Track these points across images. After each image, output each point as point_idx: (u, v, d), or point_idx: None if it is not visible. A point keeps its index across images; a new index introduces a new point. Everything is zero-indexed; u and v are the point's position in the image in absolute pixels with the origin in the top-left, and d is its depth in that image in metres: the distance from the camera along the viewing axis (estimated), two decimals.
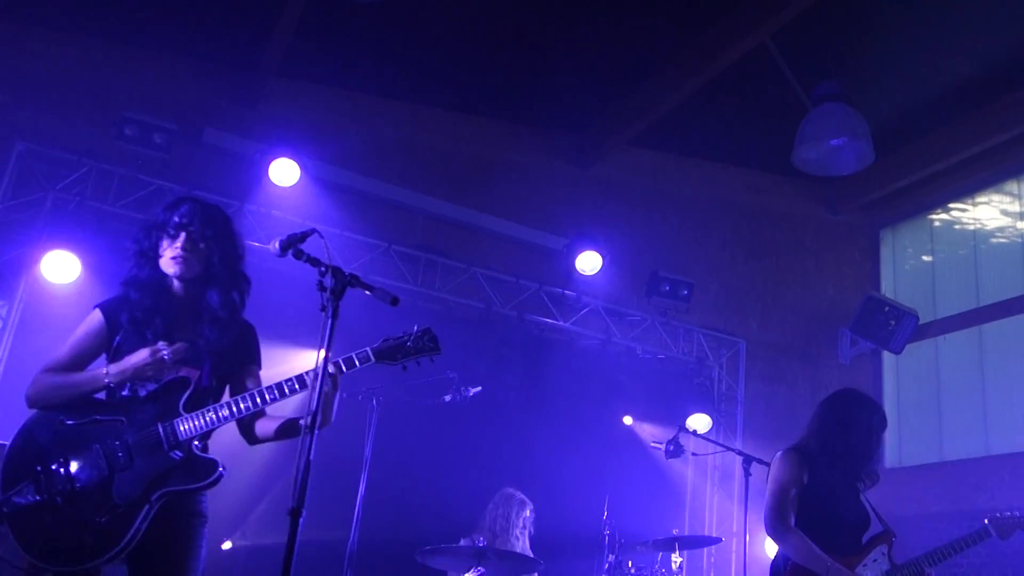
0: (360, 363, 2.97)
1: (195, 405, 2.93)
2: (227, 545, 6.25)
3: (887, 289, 9.26)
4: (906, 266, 9.38)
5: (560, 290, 8.02)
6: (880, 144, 7.20)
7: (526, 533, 5.89)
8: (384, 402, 5.43)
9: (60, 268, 6.18)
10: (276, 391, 2.89)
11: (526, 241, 8.24)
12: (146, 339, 2.96)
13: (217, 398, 3.06)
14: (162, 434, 2.86)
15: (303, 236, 2.86)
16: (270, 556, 2.34)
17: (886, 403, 8.93)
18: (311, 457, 2.37)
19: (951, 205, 9.00)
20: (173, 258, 3.01)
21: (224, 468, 2.89)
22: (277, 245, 2.87)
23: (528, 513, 5.93)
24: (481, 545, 4.99)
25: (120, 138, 6.58)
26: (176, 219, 3.05)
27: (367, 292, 2.65)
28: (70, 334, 3.08)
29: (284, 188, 6.95)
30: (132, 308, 3.02)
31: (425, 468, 6.80)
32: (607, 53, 7.53)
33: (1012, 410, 7.85)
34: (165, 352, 2.87)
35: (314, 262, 2.72)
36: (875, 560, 3.85)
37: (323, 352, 2.52)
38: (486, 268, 7.83)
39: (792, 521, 3.87)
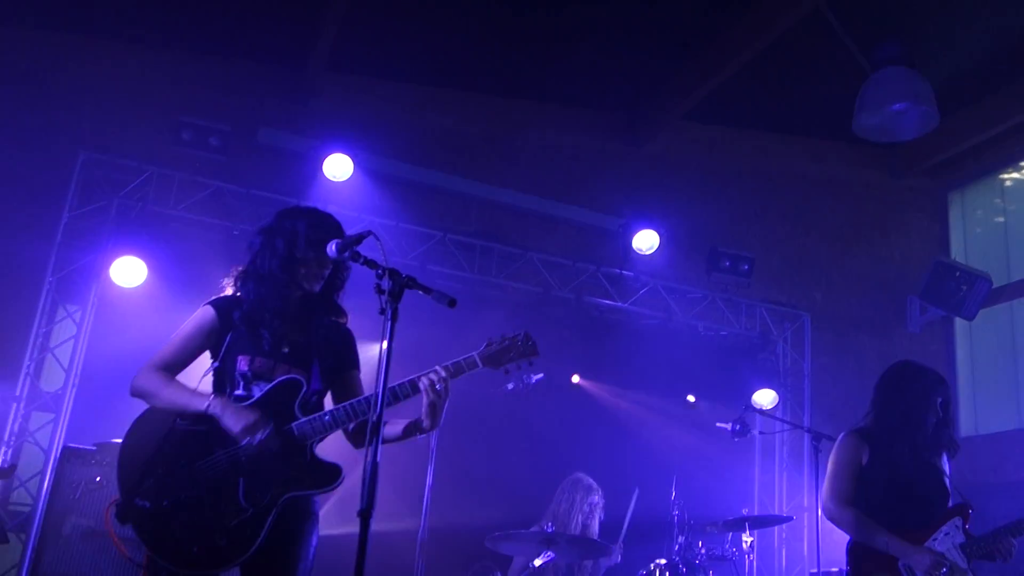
0: (468, 368, 2.99)
1: (305, 409, 2.95)
2: None
3: (957, 253, 8.98)
4: (977, 229, 9.09)
5: (618, 271, 7.95)
6: (944, 104, 6.94)
7: (596, 518, 5.89)
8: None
9: (128, 273, 6.35)
10: (389, 395, 2.87)
11: (582, 223, 8.20)
12: (261, 340, 2.97)
13: (322, 402, 3.07)
14: (284, 438, 2.87)
15: (359, 238, 2.86)
16: (342, 549, 2.37)
17: (960, 371, 8.72)
18: (377, 459, 2.38)
19: (1023, 163, 8.69)
20: (313, 275, 3.01)
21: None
22: (334, 248, 2.89)
23: (597, 498, 5.93)
24: (549, 530, 5.00)
25: (177, 143, 6.71)
26: (322, 235, 2.97)
27: (425, 294, 2.64)
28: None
29: (338, 183, 7.02)
30: (252, 307, 3.01)
31: (491, 457, 6.84)
32: (658, 26, 7.40)
33: None
34: (255, 438, 2.83)
35: (371, 265, 2.72)
36: (947, 534, 3.77)
37: (387, 354, 2.52)
38: (542, 252, 7.81)
39: (845, 501, 3.84)
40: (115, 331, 6.21)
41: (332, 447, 3.06)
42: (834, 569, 5.37)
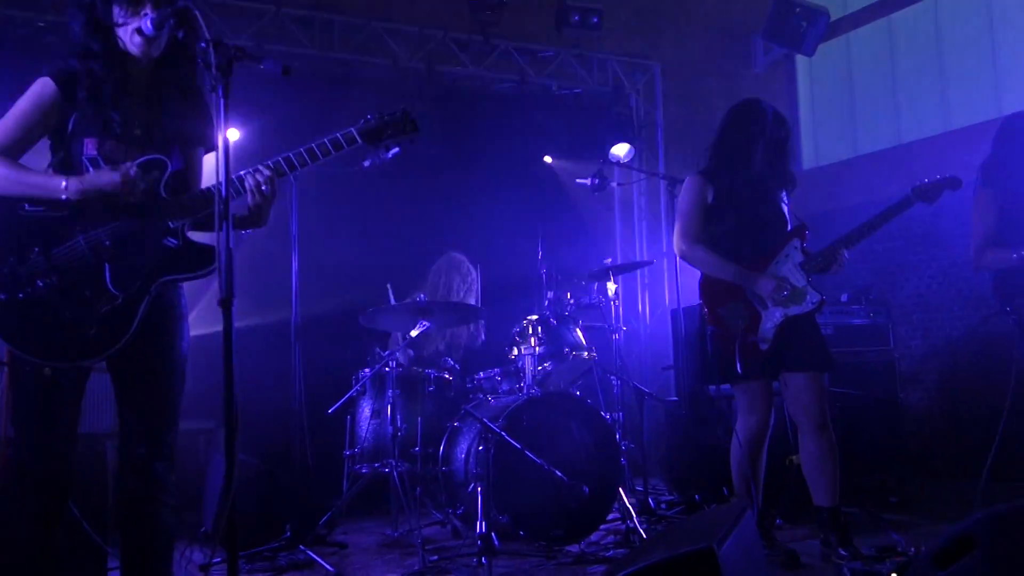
0: (346, 144, 2.85)
1: (170, 191, 2.73)
2: None
3: None
4: None
5: (467, 35, 7.67)
6: None
7: (471, 295, 5.98)
8: (301, 175, 5.27)
9: None
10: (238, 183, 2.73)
11: None
12: (110, 121, 2.68)
13: (186, 182, 2.85)
14: (150, 222, 2.68)
15: (177, 10, 2.60)
16: (218, 342, 2.32)
17: (801, 107, 9.06)
18: (231, 245, 2.29)
19: None
20: (139, 34, 2.65)
21: None
22: (150, 24, 2.62)
23: (470, 278, 5.96)
24: (422, 300, 5.07)
25: None
26: None
27: (256, 64, 2.45)
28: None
29: None
30: (94, 83, 2.67)
31: (355, 238, 6.79)
32: None
33: (921, 98, 8.02)
34: (135, 176, 2.60)
35: (193, 37, 2.49)
36: (787, 255, 4.03)
37: (223, 135, 2.36)
38: (388, 21, 7.41)
39: (694, 239, 4.05)
40: None
41: None
42: (692, 305, 5.73)
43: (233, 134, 5.84)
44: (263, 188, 2.74)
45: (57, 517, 2.70)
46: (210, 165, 2.70)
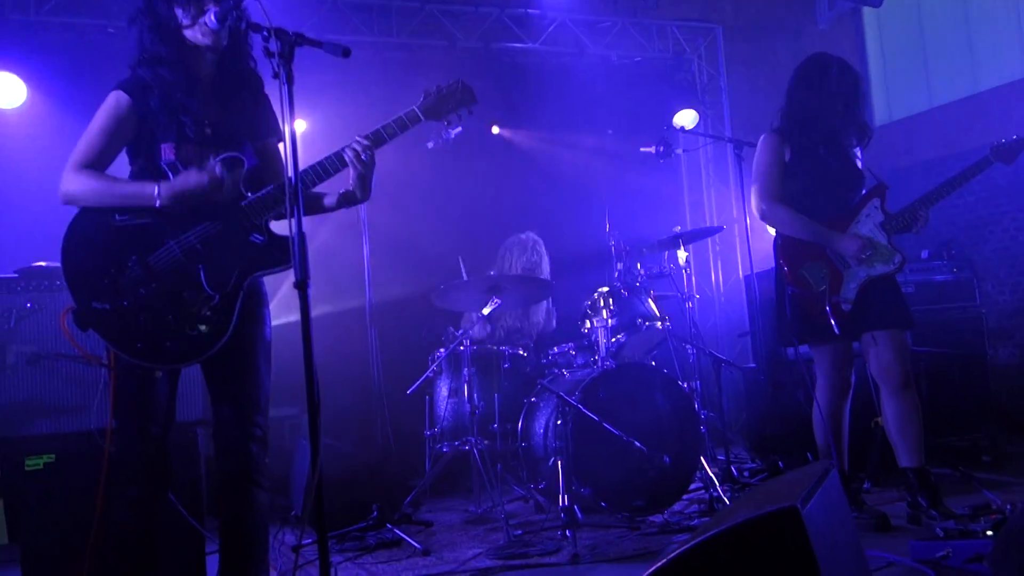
0: (410, 124, 2.92)
1: (250, 186, 2.81)
2: None
3: None
4: None
5: (523, 10, 7.64)
6: None
7: (543, 268, 5.95)
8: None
9: (6, 93, 5.94)
10: (320, 171, 2.81)
11: None
12: (183, 125, 2.76)
13: (263, 177, 2.92)
14: (237, 221, 2.77)
15: (238, 2, 2.67)
16: (298, 330, 2.38)
17: (871, 62, 8.77)
18: (302, 229, 2.33)
19: None
20: (206, 26, 2.72)
21: None
22: (213, 17, 2.69)
23: (537, 256, 5.93)
24: (492, 275, 5.08)
25: None
26: None
27: (317, 48, 2.48)
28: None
29: None
30: (165, 89, 2.75)
31: (424, 220, 6.85)
32: None
33: (998, 42, 7.69)
34: (221, 174, 2.69)
35: (255, 28, 2.54)
36: (868, 215, 3.94)
37: (288, 121, 2.40)
38: (443, 2, 7.42)
39: (775, 198, 3.97)
40: (3, 158, 5.87)
41: None
42: (766, 269, 5.63)
43: (300, 125, 5.95)
44: (363, 156, 2.81)
45: (158, 504, 2.81)
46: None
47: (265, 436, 2.89)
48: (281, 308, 6.39)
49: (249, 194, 2.79)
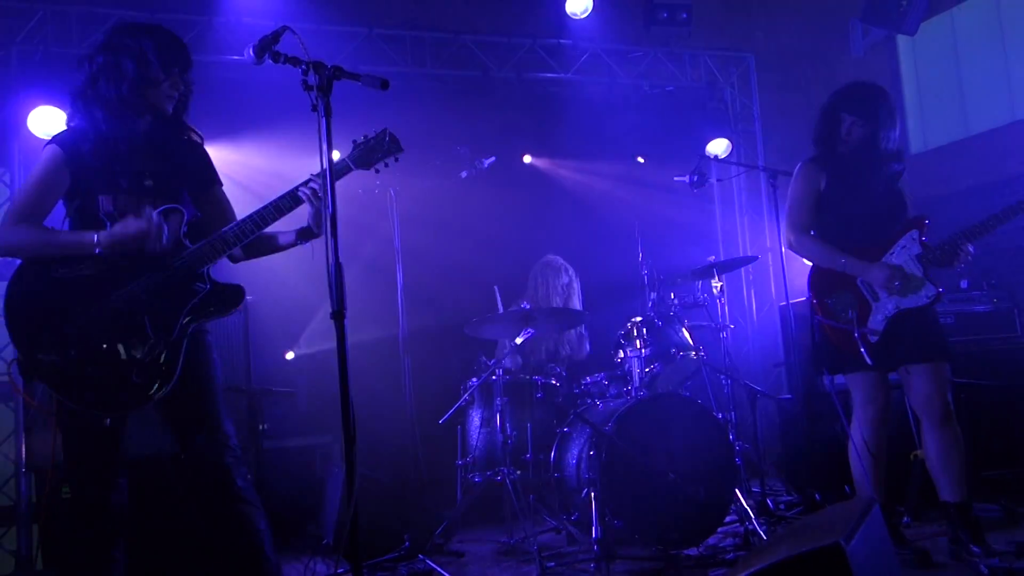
0: (341, 173, 3.01)
1: (190, 237, 2.90)
2: (290, 355, 6.50)
3: None
4: None
5: (555, 40, 7.69)
6: None
7: (574, 296, 5.98)
8: (401, 192, 5.40)
9: (49, 123, 6.04)
10: (272, 210, 2.91)
11: None
12: (119, 176, 2.84)
13: (202, 227, 3.00)
14: (178, 271, 2.84)
15: (275, 36, 2.72)
16: (331, 359, 2.40)
17: (906, 88, 8.70)
18: (339, 259, 2.35)
19: None
20: (167, 96, 2.90)
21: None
22: (251, 51, 2.74)
23: (569, 277, 5.98)
24: (526, 307, 5.09)
25: None
26: (174, 56, 2.90)
27: (355, 81, 2.51)
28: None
29: None
30: (102, 139, 2.85)
31: (457, 249, 6.87)
32: None
33: None
34: (159, 221, 2.78)
35: (294, 61, 2.59)
36: (904, 247, 3.88)
37: (325, 153, 2.43)
38: (475, 34, 7.49)
39: (803, 229, 3.94)
40: None
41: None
42: (800, 299, 5.57)
43: (334, 155, 6.01)
44: (320, 193, 2.88)
45: (114, 539, 2.83)
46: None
47: (236, 446, 2.91)
48: (315, 337, 6.46)
49: (189, 244, 2.87)
